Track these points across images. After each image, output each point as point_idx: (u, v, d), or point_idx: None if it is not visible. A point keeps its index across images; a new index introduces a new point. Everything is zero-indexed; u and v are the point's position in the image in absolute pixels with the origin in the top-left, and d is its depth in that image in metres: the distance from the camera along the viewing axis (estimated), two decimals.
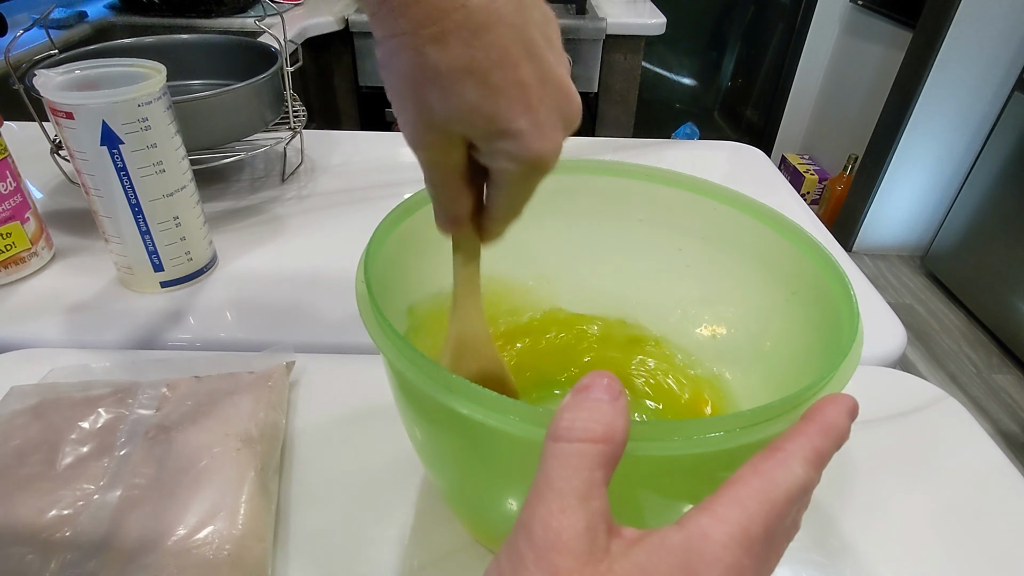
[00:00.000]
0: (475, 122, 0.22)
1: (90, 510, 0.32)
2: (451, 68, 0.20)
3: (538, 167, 0.23)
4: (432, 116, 0.22)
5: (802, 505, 0.20)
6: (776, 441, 0.19)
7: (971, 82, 1.92)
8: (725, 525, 0.17)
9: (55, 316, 0.49)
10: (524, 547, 0.16)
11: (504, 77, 0.21)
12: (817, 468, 0.19)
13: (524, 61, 0.21)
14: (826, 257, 0.31)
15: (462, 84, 0.21)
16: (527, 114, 0.21)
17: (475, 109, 0.21)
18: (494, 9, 0.20)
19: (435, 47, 0.20)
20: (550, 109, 0.22)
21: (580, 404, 0.18)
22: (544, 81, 0.22)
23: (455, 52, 0.20)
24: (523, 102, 0.21)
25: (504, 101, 0.21)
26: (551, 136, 0.22)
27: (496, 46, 0.20)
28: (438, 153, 0.24)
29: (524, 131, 0.22)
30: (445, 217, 0.27)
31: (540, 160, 0.22)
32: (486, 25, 0.20)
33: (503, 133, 0.22)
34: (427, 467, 0.33)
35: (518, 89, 0.21)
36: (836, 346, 0.26)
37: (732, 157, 0.84)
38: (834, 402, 0.20)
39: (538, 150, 0.22)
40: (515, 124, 0.21)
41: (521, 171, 0.23)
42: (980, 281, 1.94)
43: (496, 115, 0.21)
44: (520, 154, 0.22)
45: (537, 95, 0.21)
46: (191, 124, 0.54)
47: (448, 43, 0.20)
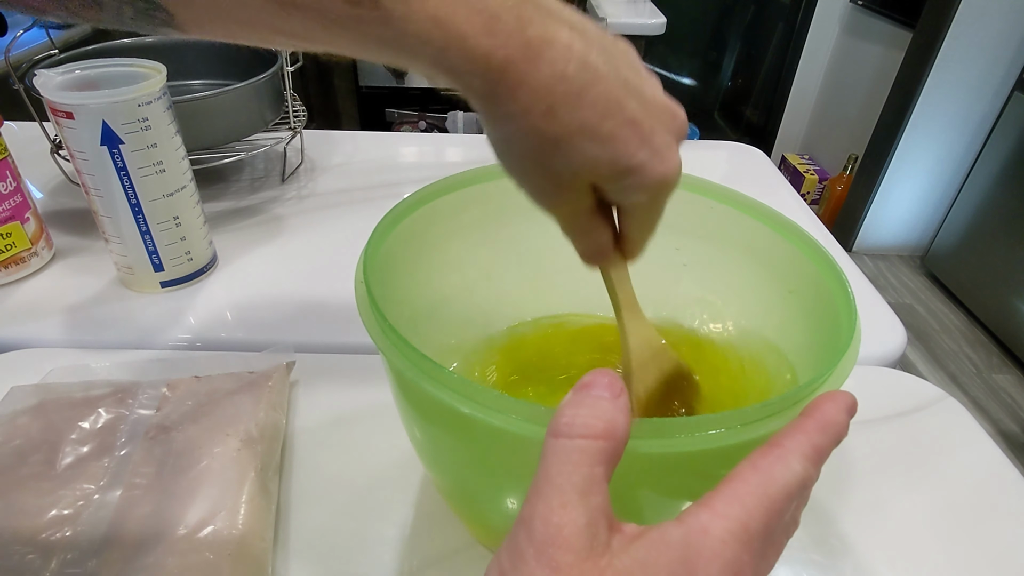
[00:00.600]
0: (600, 171, 0.23)
1: (90, 510, 0.32)
2: (568, 134, 0.22)
3: (665, 188, 0.24)
4: (560, 178, 0.23)
5: (801, 501, 0.20)
6: (775, 437, 0.19)
7: (971, 82, 1.92)
8: (724, 521, 0.17)
9: (55, 316, 0.49)
10: (524, 543, 0.17)
11: (615, 123, 0.22)
12: (816, 464, 0.19)
13: (626, 100, 0.22)
14: (824, 255, 0.31)
15: (580, 143, 0.22)
16: (643, 146, 0.23)
17: (597, 160, 0.22)
18: (589, 68, 0.21)
19: (548, 121, 0.21)
20: (661, 131, 0.23)
21: (581, 401, 0.19)
22: (648, 109, 0.23)
23: (567, 119, 0.22)
24: (637, 137, 0.22)
25: (620, 144, 0.22)
26: (669, 156, 0.23)
27: (600, 100, 0.22)
28: (572, 205, 0.25)
29: (645, 162, 0.23)
30: (590, 253, 0.28)
31: (665, 182, 0.24)
32: (586, 85, 0.21)
33: (627, 171, 0.23)
34: (427, 466, 0.33)
35: (629, 128, 0.22)
36: (834, 344, 0.26)
37: (732, 157, 0.84)
38: (832, 399, 0.20)
39: (662, 174, 0.23)
40: (635, 159, 0.23)
41: (651, 197, 0.24)
42: (980, 281, 1.94)
43: (617, 158, 0.22)
44: (647, 183, 0.23)
45: (647, 125, 0.23)
46: (191, 124, 0.54)
47: (558, 114, 0.21)
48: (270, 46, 0.22)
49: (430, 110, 2.15)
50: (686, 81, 2.85)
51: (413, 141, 0.87)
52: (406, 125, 2.15)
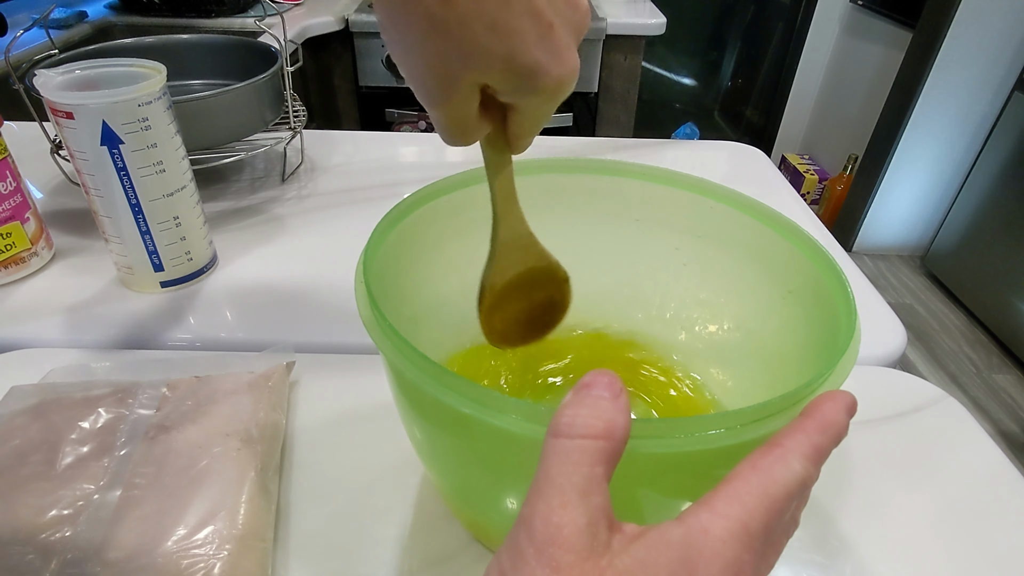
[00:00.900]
0: (493, 67, 0.21)
1: (90, 510, 0.32)
2: (462, 20, 0.20)
3: (560, 91, 0.22)
4: (450, 72, 0.21)
5: (801, 501, 0.20)
6: (775, 437, 0.19)
7: (971, 82, 1.92)
8: (725, 520, 0.17)
9: (55, 316, 0.49)
10: (525, 543, 0.16)
11: (513, 13, 0.20)
12: (816, 464, 0.19)
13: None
14: (823, 255, 0.31)
15: (476, 33, 0.20)
16: (540, 44, 0.21)
17: (491, 54, 0.20)
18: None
19: (442, 3, 0.20)
20: (561, 27, 0.21)
21: (581, 401, 0.18)
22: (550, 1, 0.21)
23: (461, 4, 0.20)
24: (535, 32, 0.20)
25: (518, 39, 0.20)
26: (568, 58, 0.22)
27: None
28: (457, 109, 0.23)
29: (542, 62, 0.21)
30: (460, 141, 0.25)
31: (561, 85, 0.22)
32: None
33: (523, 71, 0.21)
34: (427, 466, 0.33)
35: (530, 20, 0.20)
36: (834, 343, 0.26)
37: (732, 157, 0.84)
38: (832, 399, 0.20)
39: (558, 76, 0.22)
40: (531, 57, 0.21)
41: (544, 98, 0.23)
42: (980, 281, 1.94)
43: (513, 54, 0.21)
44: (542, 86, 0.22)
45: (547, 19, 0.21)
46: (191, 124, 0.54)
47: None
48: None
49: None
50: (686, 81, 2.85)
51: (413, 141, 0.87)
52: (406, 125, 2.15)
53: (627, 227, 0.39)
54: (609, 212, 0.39)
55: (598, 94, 1.71)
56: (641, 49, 1.67)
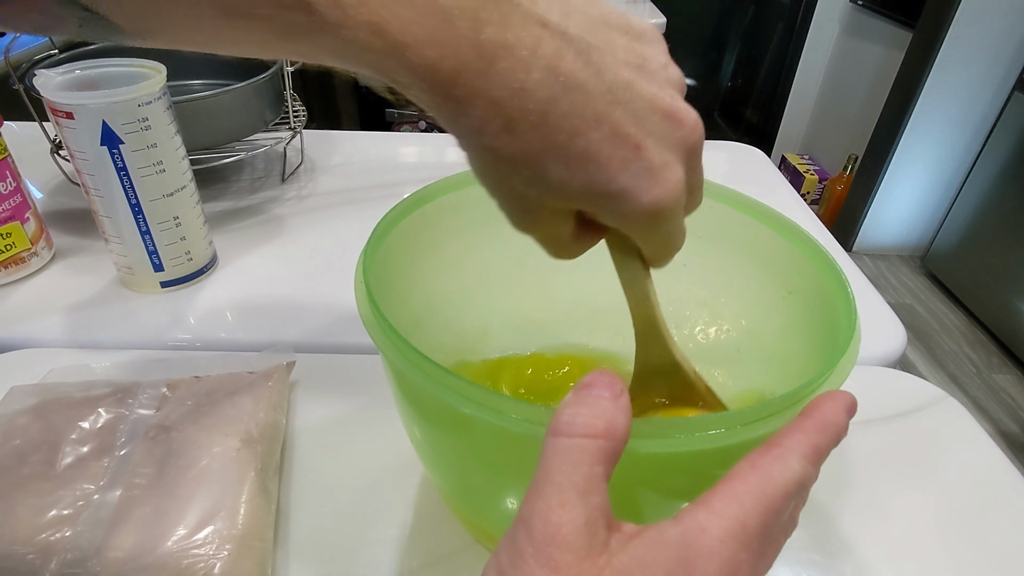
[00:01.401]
0: (572, 196, 0.19)
1: (90, 510, 0.32)
2: (530, 155, 0.18)
3: (657, 216, 0.20)
4: (527, 202, 0.20)
5: (800, 501, 0.20)
6: (774, 437, 0.19)
7: (971, 82, 1.92)
8: (722, 520, 0.17)
9: (55, 316, 0.49)
10: (523, 541, 0.17)
11: (589, 141, 0.18)
12: (815, 464, 0.19)
13: (610, 111, 0.18)
14: (823, 255, 0.31)
15: (545, 165, 0.19)
16: (626, 169, 0.19)
17: (567, 185, 0.19)
18: (558, 75, 0.18)
19: (506, 139, 0.18)
20: (657, 146, 0.19)
21: (582, 400, 0.19)
22: (641, 120, 0.19)
23: (528, 137, 0.18)
24: (619, 155, 0.19)
25: (595, 166, 0.18)
26: (664, 178, 0.19)
27: (572, 114, 0.18)
28: (549, 230, 0.22)
29: (628, 187, 0.19)
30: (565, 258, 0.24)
31: (656, 209, 0.19)
32: (552, 98, 0.18)
33: (606, 198, 0.19)
34: (426, 466, 0.33)
35: (610, 145, 0.18)
36: (834, 343, 0.26)
37: (732, 157, 0.84)
38: (832, 399, 0.20)
39: (651, 201, 0.19)
40: (615, 184, 0.19)
41: (644, 224, 0.20)
42: (980, 281, 1.94)
43: (591, 183, 0.19)
44: (633, 212, 0.19)
45: (634, 141, 0.19)
46: (191, 124, 0.54)
47: (518, 132, 0.18)
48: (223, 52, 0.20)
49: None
50: (686, 81, 2.85)
51: (413, 141, 0.87)
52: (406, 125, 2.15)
53: None
54: None
55: None
56: None
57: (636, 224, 0.20)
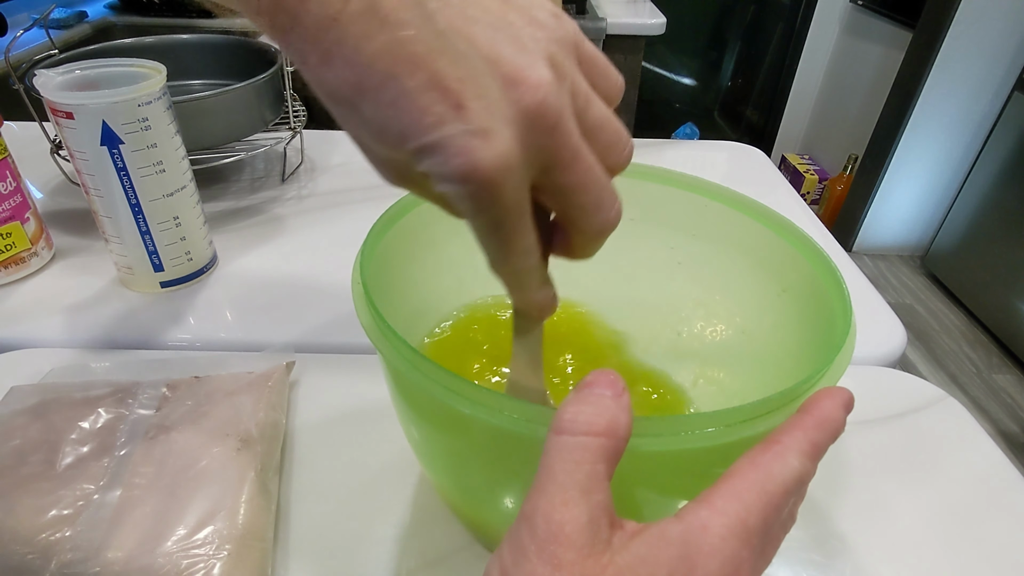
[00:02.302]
0: (391, 146, 0.18)
1: (90, 510, 0.32)
2: (344, 91, 0.17)
3: (473, 189, 0.17)
4: (368, 149, 0.19)
5: (799, 497, 0.20)
6: (772, 434, 0.19)
7: (971, 82, 1.92)
8: (723, 517, 0.17)
9: (55, 316, 0.49)
10: (526, 539, 0.17)
11: (401, 88, 0.16)
12: (813, 460, 0.19)
13: (433, 60, 0.16)
14: (818, 252, 0.31)
15: (360, 105, 0.17)
16: (441, 125, 0.16)
17: (383, 132, 0.17)
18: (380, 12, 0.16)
19: (325, 71, 0.17)
20: (484, 110, 0.17)
21: (584, 399, 0.19)
22: (471, 77, 0.17)
23: (342, 73, 0.17)
24: (435, 112, 0.16)
25: (407, 116, 0.16)
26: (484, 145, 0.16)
27: (385, 54, 0.16)
28: (414, 188, 0.21)
29: (439, 146, 0.17)
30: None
31: (472, 173, 0.17)
32: (367, 34, 0.16)
33: (420, 152, 0.17)
34: (424, 466, 0.33)
35: (425, 97, 0.16)
36: (830, 341, 0.26)
37: (732, 157, 0.84)
38: (830, 395, 0.21)
39: (459, 166, 0.16)
40: (426, 139, 0.17)
41: (460, 197, 0.17)
42: (980, 281, 1.94)
43: (404, 134, 0.17)
44: (445, 175, 0.17)
45: (456, 97, 0.16)
46: (191, 124, 0.54)
47: (334, 65, 0.17)
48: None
49: None
50: (686, 81, 2.85)
51: None
52: None
53: (622, 226, 0.39)
54: None
55: None
56: (641, 49, 1.67)
57: (456, 197, 0.18)
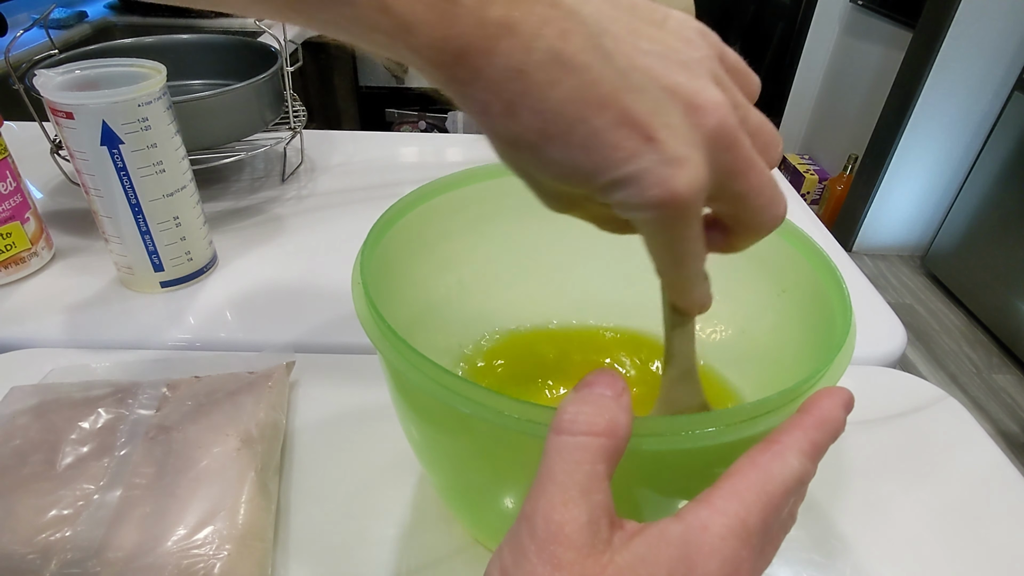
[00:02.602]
0: (579, 184, 0.18)
1: (90, 510, 0.32)
2: (531, 138, 0.18)
3: (668, 212, 0.18)
4: (540, 185, 0.20)
5: (799, 497, 0.20)
6: (772, 434, 0.19)
7: (971, 82, 1.92)
8: (723, 517, 0.17)
9: (55, 316, 0.49)
10: (526, 539, 0.17)
11: (592, 129, 0.17)
12: (813, 460, 0.19)
13: (619, 97, 0.17)
14: (817, 251, 0.31)
15: (547, 150, 0.18)
16: (636, 158, 0.17)
17: (573, 169, 0.18)
18: (562, 57, 0.17)
19: (508, 121, 0.18)
20: (672, 138, 0.17)
21: (584, 399, 0.19)
22: (657, 110, 0.17)
23: (528, 121, 0.17)
24: (627, 146, 0.17)
25: (598, 154, 0.17)
26: (678, 171, 0.17)
27: (573, 100, 0.17)
28: (583, 213, 0.22)
29: (633, 177, 0.17)
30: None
31: (665, 204, 0.17)
32: (553, 82, 0.17)
33: (611, 187, 0.18)
34: (425, 466, 0.33)
35: (616, 134, 0.17)
36: (830, 340, 0.26)
37: None
38: (829, 395, 0.21)
39: (658, 195, 0.17)
40: (620, 173, 0.17)
41: (652, 221, 0.18)
42: (980, 281, 1.94)
43: (596, 170, 0.18)
44: (639, 204, 0.18)
45: (647, 130, 0.17)
46: (191, 124, 0.54)
47: (518, 114, 0.17)
48: (222, 9, 0.19)
49: (430, 110, 2.15)
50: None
51: (413, 141, 0.87)
52: (406, 125, 2.15)
53: None
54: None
55: None
56: None
57: (644, 220, 0.19)
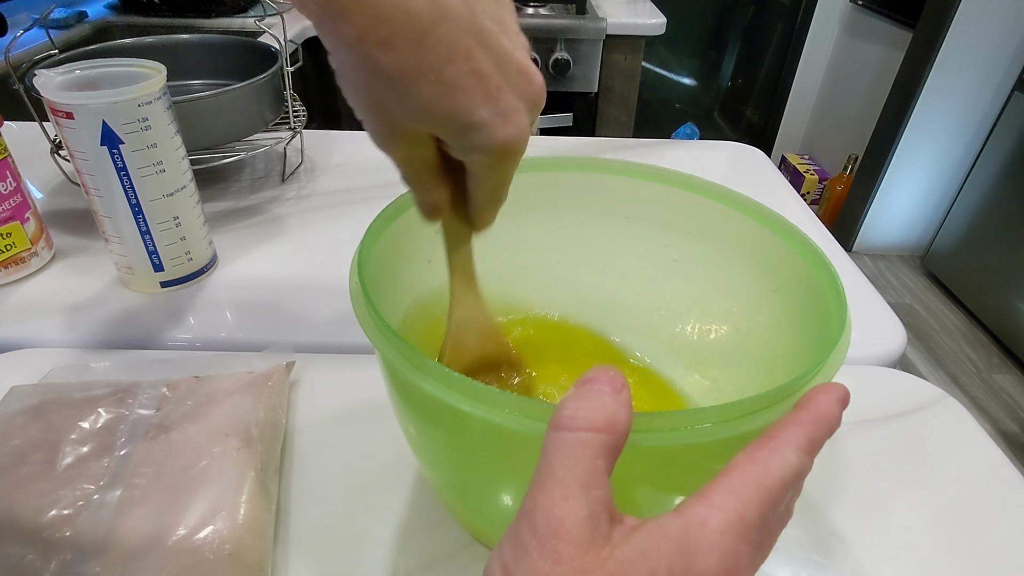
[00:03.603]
0: (436, 119, 0.21)
1: (90, 510, 0.32)
2: (402, 71, 0.20)
3: (508, 154, 0.22)
4: (393, 118, 0.22)
5: (795, 492, 0.21)
6: (769, 429, 0.20)
7: (971, 82, 1.92)
8: (722, 512, 0.17)
9: (55, 316, 0.49)
10: (527, 534, 0.17)
11: (458, 71, 0.20)
12: (810, 455, 0.19)
13: (477, 51, 0.21)
14: (812, 248, 0.31)
15: (417, 84, 0.20)
16: (487, 103, 0.21)
17: (434, 107, 0.21)
18: (438, 6, 0.20)
19: (383, 51, 0.20)
20: (511, 94, 0.22)
21: (583, 395, 0.19)
22: (501, 67, 0.21)
23: (404, 55, 0.20)
24: (481, 92, 0.21)
25: (461, 95, 0.21)
26: (516, 121, 0.22)
27: (444, 42, 0.20)
28: (407, 151, 0.24)
29: (487, 121, 0.21)
30: (424, 207, 0.27)
31: (508, 147, 0.22)
32: (432, 24, 0.20)
33: (466, 126, 0.21)
34: (423, 465, 0.33)
35: (474, 80, 0.21)
36: (826, 336, 0.27)
37: (732, 157, 0.84)
38: (825, 391, 0.21)
39: (504, 138, 0.22)
40: (476, 116, 0.21)
41: (492, 160, 0.23)
42: (980, 281, 1.94)
43: (455, 110, 0.21)
44: (487, 144, 0.22)
45: (495, 83, 0.21)
46: (191, 124, 0.54)
47: (396, 46, 0.20)
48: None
49: None
50: (686, 81, 2.85)
51: None
52: None
53: (617, 224, 0.39)
54: (598, 209, 0.39)
55: (598, 94, 1.71)
56: (641, 49, 1.67)
57: (486, 159, 0.23)
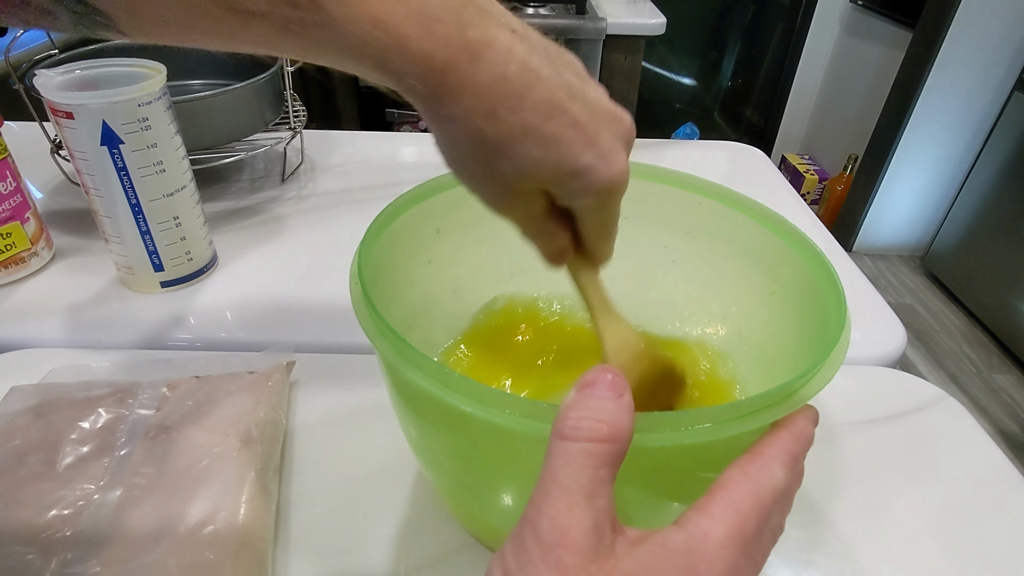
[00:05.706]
0: (546, 173, 0.23)
1: (90, 510, 0.32)
2: (510, 135, 0.22)
3: (615, 191, 0.24)
4: (506, 181, 0.23)
5: (785, 505, 0.22)
6: (756, 446, 0.21)
7: (971, 82, 1.92)
8: (723, 526, 0.18)
9: (55, 316, 0.49)
10: (531, 543, 0.17)
11: (557, 125, 0.22)
12: (793, 471, 0.20)
13: (569, 103, 0.22)
14: (811, 248, 0.31)
15: (523, 145, 0.22)
16: (589, 149, 0.22)
17: (542, 163, 0.22)
18: (530, 70, 0.21)
19: (489, 122, 0.21)
20: (606, 135, 0.23)
21: (586, 403, 0.19)
22: (594, 113, 0.23)
23: (509, 121, 0.21)
24: (582, 140, 0.22)
25: (565, 146, 0.22)
26: (616, 159, 0.23)
27: (542, 101, 0.21)
28: (524, 210, 0.25)
29: (592, 165, 0.23)
30: (550, 256, 0.27)
31: (614, 185, 0.23)
32: (527, 87, 0.21)
33: (573, 173, 0.23)
34: (423, 464, 0.33)
35: (573, 130, 0.22)
36: (825, 335, 0.27)
37: (732, 157, 0.84)
38: (802, 412, 0.22)
39: (609, 178, 0.23)
40: (581, 162, 0.22)
41: (601, 200, 0.24)
42: (980, 281, 1.94)
43: (562, 161, 0.22)
44: (596, 186, 0.23)
45: (592, 128, 0.23)
46: (191, 124, 0.54)
47: (499, 116, 0.21)
48: (219, 48, 0.21)
49: None
50: (686, 81, 2.85)
51: (413, 141, 0.87)
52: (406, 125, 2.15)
53: None
54: None
55: None
56: (641, 49, 1.67)
57: (594, 200, 0.24)
